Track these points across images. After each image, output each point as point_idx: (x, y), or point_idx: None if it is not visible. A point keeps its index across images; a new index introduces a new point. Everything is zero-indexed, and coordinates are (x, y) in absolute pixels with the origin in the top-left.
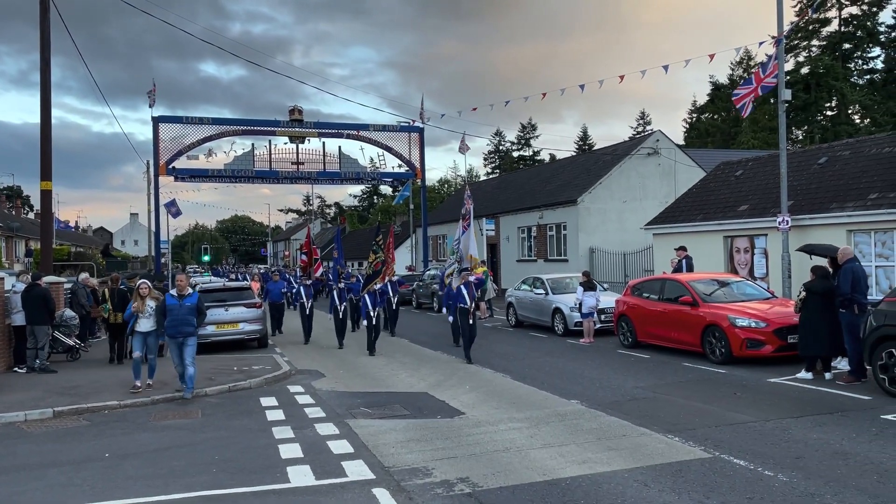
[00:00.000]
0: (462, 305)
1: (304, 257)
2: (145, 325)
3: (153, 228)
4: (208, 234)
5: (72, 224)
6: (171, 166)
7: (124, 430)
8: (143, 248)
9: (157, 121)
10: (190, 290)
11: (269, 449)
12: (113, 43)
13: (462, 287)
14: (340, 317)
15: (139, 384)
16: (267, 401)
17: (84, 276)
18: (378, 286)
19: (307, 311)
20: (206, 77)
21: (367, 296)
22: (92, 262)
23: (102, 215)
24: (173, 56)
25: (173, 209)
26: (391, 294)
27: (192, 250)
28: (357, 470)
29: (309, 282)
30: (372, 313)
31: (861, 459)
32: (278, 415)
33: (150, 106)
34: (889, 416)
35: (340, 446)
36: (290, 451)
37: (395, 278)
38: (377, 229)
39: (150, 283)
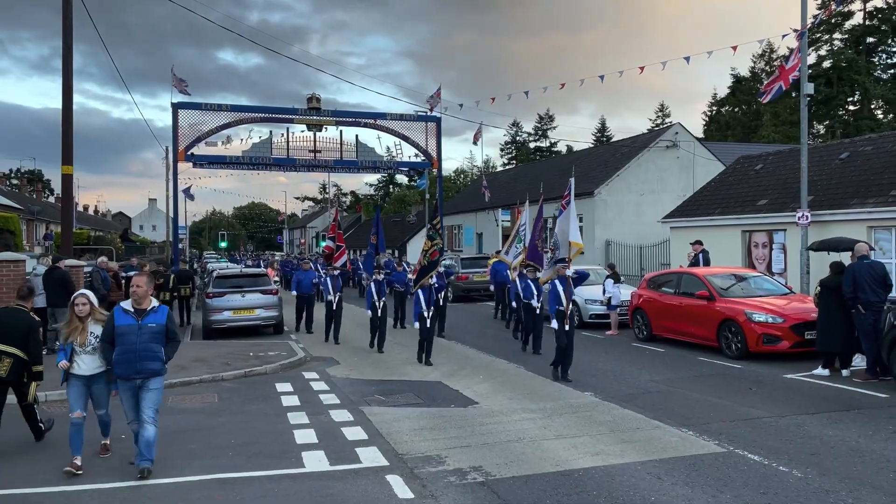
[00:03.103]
0: (559, 307)
1: (329, 243)
2: (88, 364)
3: (171, 214)
4: (225, 221)
5: (91, 209)
6: (189, 152)
7: None
8: (160, 233)
9: (176, 107)
10: (154, 302)
11: (285, 434)
12: (133, 30)
13: (557, 283)
14: (380, 314)
15: (79, 460)
16: (282, 386)
17: (102, 259)
18: (434, 280)
19: (334, 305)
20: (224, 65)
21: (420, 292)
22: (111, 246)
23: (121, 200)
24: (192, 44)
25: (189, 193)
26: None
27: (210, 236)
28: (371, 456)
29: (336, 272)
30: (426, 314)
31: (877, 457)
32: (293, 400)
33: (182, 91)
34: None
35: (355, 433)
36: (305, 436)
37: (441, 269)
38: (435, 209)
39: (90, 296)
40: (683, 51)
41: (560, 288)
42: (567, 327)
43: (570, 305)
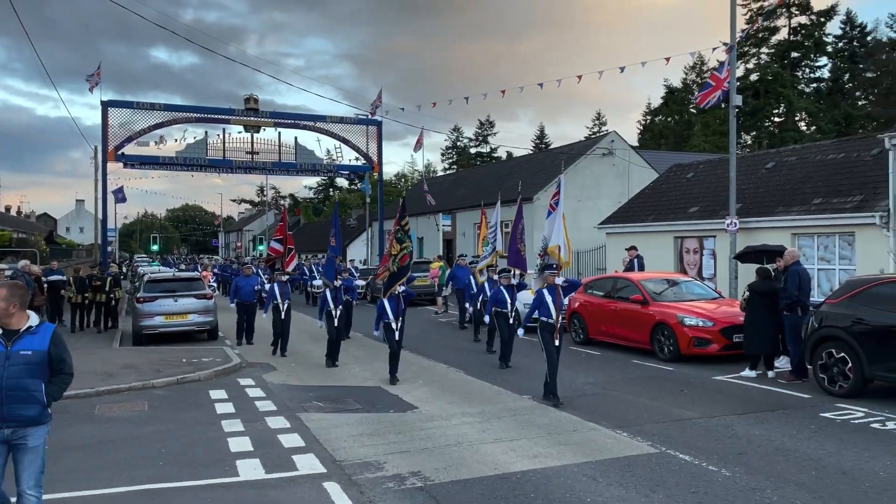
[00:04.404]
0: (545, 319)
1: (275, 245)
2: None
3: (100, 216)
4: (158, 223)
5: (13, 209)
6: (119, 152)
7: (67, 421)
8: (88, 235)
9: (106, 105)
10: (34, 320)
11: (219, 442)
12: (61, 25)
13: (545, 292)
14: (336, 324)
15: None
16: (216, 393)
17: (25, 262)
18: (401, 289)
19: (282, 314)
20: (157, 63)
21: (387, 302)
22: (35, 248)
23: (47, 201)
24: (124, 40)
25: (120, 195)
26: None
27: (141, 239)
28: (308, 464)
29: (285, 278)
30: (394, 325)
31: (801, 455)
32: (228, 408)
33: (91, 90)
34: (827, 414)
35: (291, 440)
36: (239, 444)
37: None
38: (402, 208)
39: None
40: (618, 61)
41: (549, 299)
42: (557, 342)
43: (560, 318)
